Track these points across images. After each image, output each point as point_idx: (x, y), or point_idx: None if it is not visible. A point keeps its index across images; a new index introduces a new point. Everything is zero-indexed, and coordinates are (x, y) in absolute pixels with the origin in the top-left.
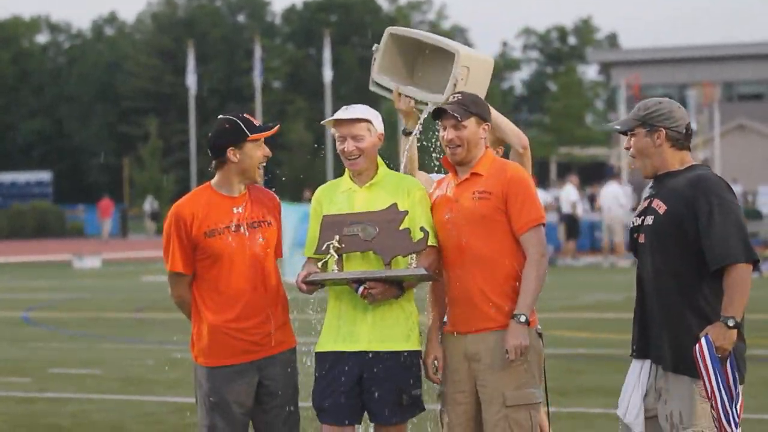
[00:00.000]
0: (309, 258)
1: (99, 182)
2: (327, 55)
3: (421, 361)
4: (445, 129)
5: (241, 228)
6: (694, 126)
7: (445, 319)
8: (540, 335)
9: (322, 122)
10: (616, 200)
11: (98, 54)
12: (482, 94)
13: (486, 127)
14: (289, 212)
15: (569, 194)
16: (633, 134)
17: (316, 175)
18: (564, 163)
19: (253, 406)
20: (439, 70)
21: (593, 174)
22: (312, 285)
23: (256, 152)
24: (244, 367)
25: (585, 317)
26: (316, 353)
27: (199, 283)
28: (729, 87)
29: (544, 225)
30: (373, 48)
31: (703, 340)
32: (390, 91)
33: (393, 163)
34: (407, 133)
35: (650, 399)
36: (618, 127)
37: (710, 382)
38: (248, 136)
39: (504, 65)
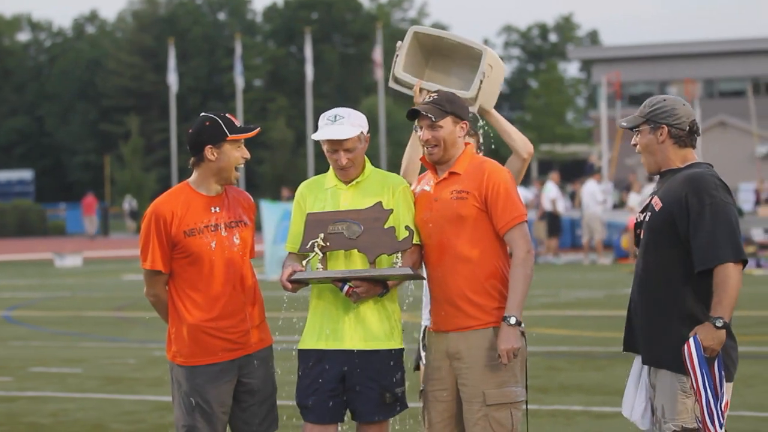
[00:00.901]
0: (290, 253)
1: (80, 180)
2: (308, 53)
3: (404, 359)
4: (422, 129)
5: (220, 228)
6: None
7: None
8: (522, 333)
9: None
10: (593, 198)
11: (79, 52)
12: (496, 95)
13: (464, 125)
14: (270, 210)
15: (550, 191)
16: (638, 131)
17: (297, 173)
18: (545, 160)
19: (232, 404)
20: (454, 69)
21: (574, 171)
22: (297, 283)
23: (234, 153)
24: (224, 365)
25: (566, 315)
26: (298, 351)
27: (176, 281)
28: (710, 84)
29: (526, 221)
30: (397, 45)
31: (691, 340)
32: (409, 87)
33: (374, 161)
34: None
35: (651, 395)
36: (624, 123)
37: (696, 382)
38: (227, 136)
39: None
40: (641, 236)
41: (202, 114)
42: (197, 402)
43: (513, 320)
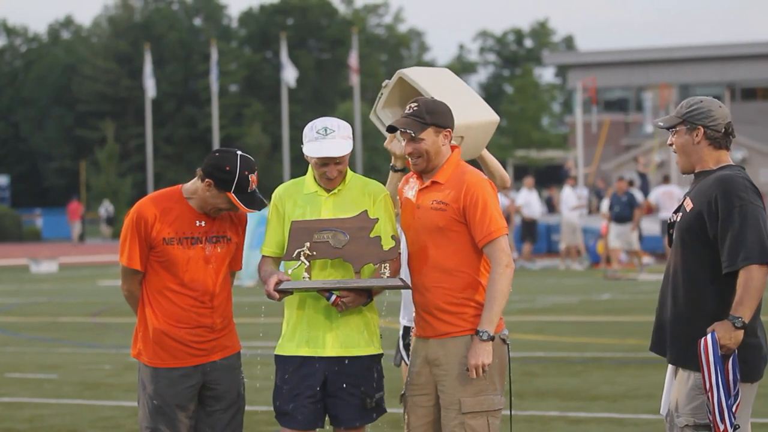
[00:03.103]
0: (266, 257)
1: (56, 186)
2: (284, 58)
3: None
4: (404, 140)
5: (200, 241)
6: (649, 129)
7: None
8: (504, 341)
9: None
10: (566, 203)
11: (55, 58)
12: (478, 151)
13: (447, 133)
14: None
15: (524, 197)
16: (675, 131)
17: (273, 179)
18: (521, 165)
19: (197, 409)
20: None
21: (550, 177)
22: (283, 293)
23: (224, 204)
24: (187, 370)
25: (541, 320)
26: (277, 356)
27: (148, 282)
28: (685, 89)
29: (506, 235)
30: (383, 84)
31: (708, 337)
32: (384, 125)
33: (350, 166)
34: (396, 170)
35: None
36: (662, 124)
37: (709, 378)
38: (229, 192)
39: (461, 68)
40: (673, 236)
41: (235, 153)
42: (159, 404)
43: (485, 335)
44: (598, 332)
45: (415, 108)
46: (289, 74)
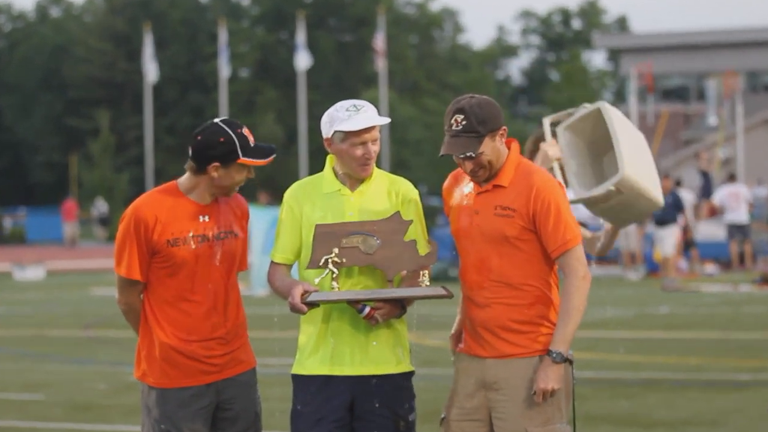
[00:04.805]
0: (278, 264)
1: (43, 182)
2: (301, 39)
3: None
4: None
5: (207, 239)
6: (713, 121)
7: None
8: (569, 361)
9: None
10: None
11: (43, 38)
12: (621, 220)
13: (503, 132)
14: (258, 217)
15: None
16: None
17: (288, 175)
18: None
19: None
20: (605, 158)
21: None
22: (311, 306)
23: (240, 175)
24: (199, 389)
25: (592, 336)
26: (295, 376)
27: (151, 294)
28: (754, 76)
29: (581, 244)
30: (582, 105)
31: None
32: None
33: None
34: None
35: None
36: None
37: None
38: (238, 158)
39: (500, 52)
40: None
41: (216, 123)
42: (167, 429)
43: (558, 357)
44: (656, 350)
45: (464, 123)
46: (306, 58)
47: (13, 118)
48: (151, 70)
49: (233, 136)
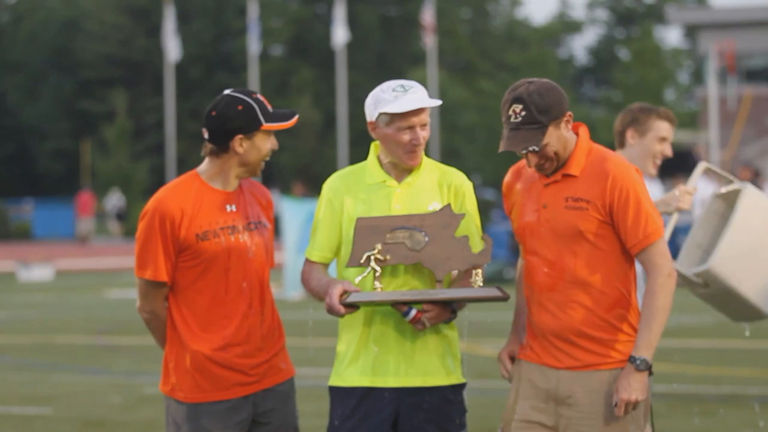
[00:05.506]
0: (313, 263)
1: (51, 172)
2: (340, 13)
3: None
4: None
5: (237, 230)
6: None
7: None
8: (650, 370)
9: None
10: (699, 198)
11: (51, 11)
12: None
13: (568, 118)
14: (293, 211)
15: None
16: None
17: (325, 165)
18: None
19: None
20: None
21: (676, 164)
22: (351, 307)
23: (266, 144)
24: (236, 402)
25: (666, 346)
26: (332, 388)
27: (178, 297)
28: None
29: (664, 237)
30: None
31: None
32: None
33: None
34: None
35: None
36: None
37: None
38: (262, 124)
39: (563, 28)
40: None
41: (229, 93)
42: None
43: (642, 364)
44: (737, 361)
45: (523, 114)
46: (346, 34)
47: (19, 100)
48: (172, 48)
49: (251, 102)
